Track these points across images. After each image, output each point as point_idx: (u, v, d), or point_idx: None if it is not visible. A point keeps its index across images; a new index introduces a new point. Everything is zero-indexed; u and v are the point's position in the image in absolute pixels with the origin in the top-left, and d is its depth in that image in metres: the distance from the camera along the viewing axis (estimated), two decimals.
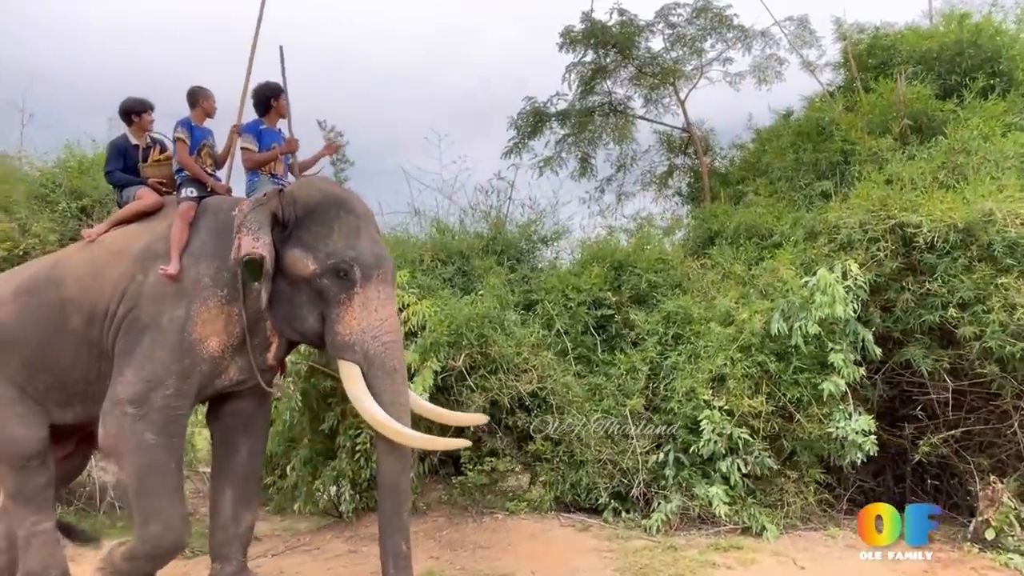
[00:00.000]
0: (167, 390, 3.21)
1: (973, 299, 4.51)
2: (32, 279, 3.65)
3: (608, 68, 8.92)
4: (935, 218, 4.63)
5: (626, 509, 4.87)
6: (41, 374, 3.52)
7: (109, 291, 3.38)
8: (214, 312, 3.32)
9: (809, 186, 6.48)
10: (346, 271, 3.25)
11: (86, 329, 3.41)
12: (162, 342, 3.24)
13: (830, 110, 7.01)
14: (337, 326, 3.27)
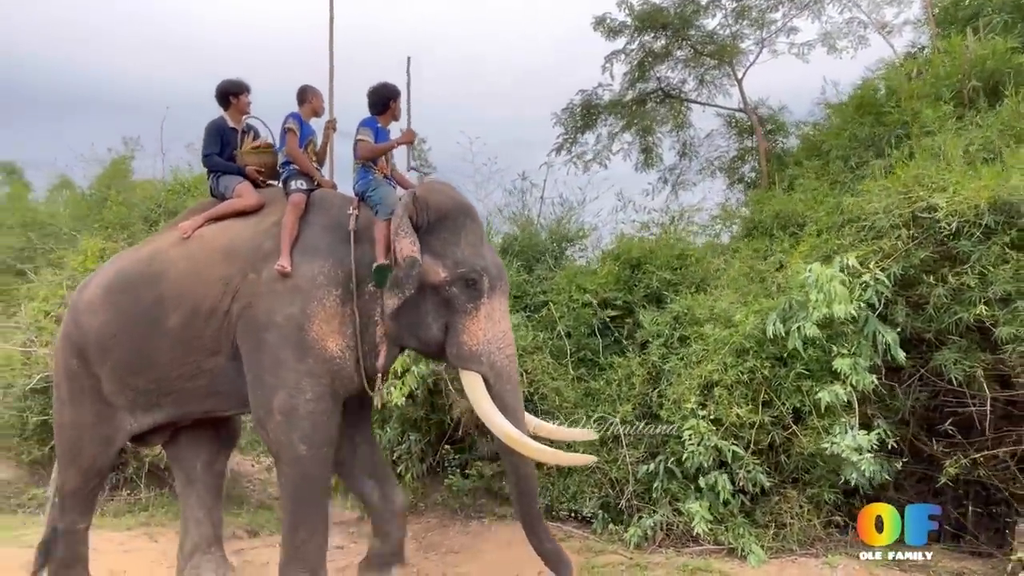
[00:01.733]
0: (306, 395, 3.21)
1: (1015, 293, 3.78)
2: (124, 276, 3.61)
3: (660, 52, 8.43)
4: (961, 199, 3.91)
5: (613, 520, 4.65)
6: (134, 378, 3.51)
7: (216, 290, 3.36)
8: (330, 312, 3.27)
9: (861, 167, 5.71)
10: (475, 280, 3.23)
11: (184, 328, 3.38)
12: (283, 341, 3.23)
13: (895, 77, 6.11)
14: (463, 336, 3.23)
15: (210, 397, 3.52)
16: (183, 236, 3.58)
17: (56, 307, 7.08)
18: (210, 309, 3.37)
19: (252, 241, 3.45)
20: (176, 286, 3.43)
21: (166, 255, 3.56)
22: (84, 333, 3.59)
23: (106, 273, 3.78)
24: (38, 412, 6.22)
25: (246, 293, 3.33)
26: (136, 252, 3.84)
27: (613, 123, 8.85)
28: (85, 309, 3.63)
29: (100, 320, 3.54)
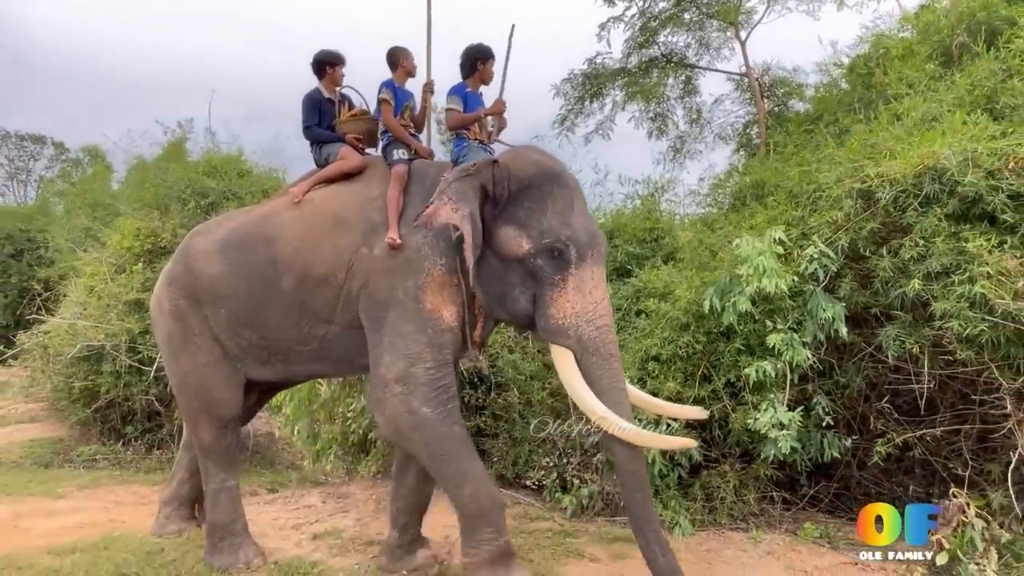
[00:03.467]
0: (426, 363, 3.15)
1: (952, 267, 3.59)
2: (239, 234, 3.67)
3: (663, 16, 8.15)
4: (898, 168, 3.72)
5: (561, 489, 4.78)
6: (246, 331, 3.58)
7: (328, 258, 3.38)
8: (440, 281, 3.25)
9: (843, 134, 5.42)
10: (561, 251, 3.05)
11: (297, 291, 3.42)
12: (405, 315, 3.21)
13: (885, 42, 5.72)
14: (550, 309, 3.06)
15: (317, 362, 3.63)
16: (294, 200, 3.64)
17: (99, 283, 7.73)
18: (321, 276, 3.40)
19: (361, 211, 3.45)
20: (289, 248, 3.48)
21: (279, 218, 3.62)
22: (197, 277, 3.67)
23: (219, 229, 3.83)
24: (82, 378, 6.84)
25: (361, 270, 3.35)
26: (248, 213, 3.93)
27: (616, 92, 8.67)
28: (199, 256, 3.70)
29: (214, 271, 3.63)
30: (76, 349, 6.92)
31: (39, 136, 31.21)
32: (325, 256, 3.40)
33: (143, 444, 6.97)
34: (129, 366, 6.49)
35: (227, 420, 3.75)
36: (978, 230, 3.54)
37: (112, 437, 7.06)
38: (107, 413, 6.95)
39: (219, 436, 3.75)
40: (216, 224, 3.96)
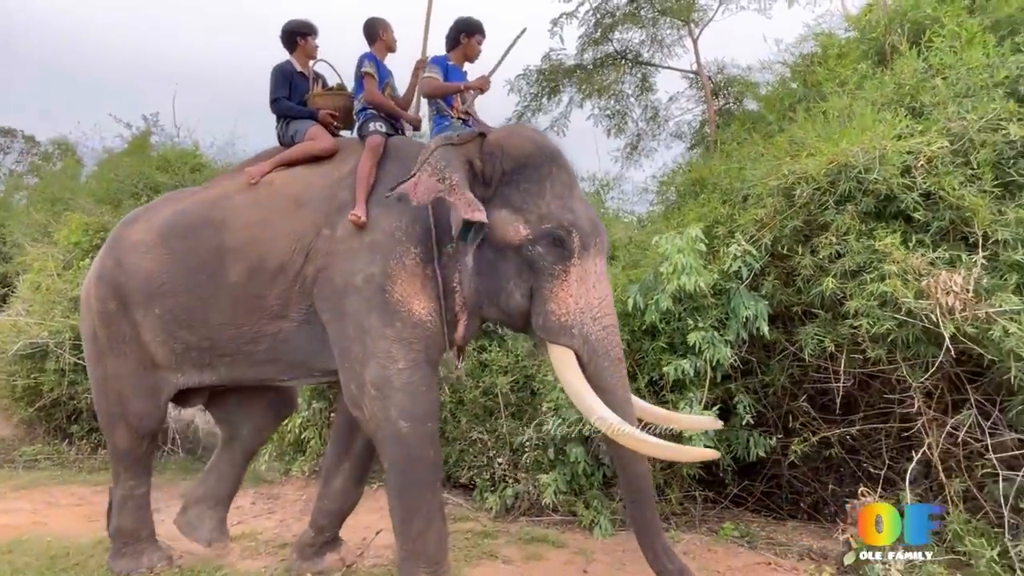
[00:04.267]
0: (398, 363, 2.80)
1: (865, 265, 3.57)
2: (183, 219, 3.26)
3: (618, 13, 8.11)
4: (814, 165, 3.70)
5: (490, 489, 4.73)
6: (183, 332, 3.20)
7: (286, 245, 3.02)
8: (411, 271, 2.86)
9: (778, 133, 5.41)
10: (563, 238, 2.72)
11: (247, 284, 3.05)
12: (367, 306, 2.85)
13: (824, 41, 5.71)
14: (550, 304, 2.73)
15: (268, 364, 3.18)
16: (250, 181, 3.25)
17: (46, 279, 7.56)
18: (277, 266, 3.02)
19: (326, 191, 3.08)
20: (240, 236, 3.09)
21: (231, 201, 3.22)
22: (128, 274, 3.28)
23: (159, 213, 3.40)
24: (25, 376, 6.64)
25: (320, 252, 2.98)
26: (196, 194, 3.47)
27: (571, 89, 8.63)
28: (131, 248, 3.32)
29: (150, 264, 3.24)
30: (18, 346, 6.77)
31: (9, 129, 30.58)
32: (282, 244, 3.03)
33: (88, 444, 6.79)
34: (74, 364, 6.32)
35: (145, 432, 3.47)
36: (892, 228, 3.53)
37: (57, 436, 6.89)
38: (52, 412, 6.78)
39: (135, 445, 3.49)
40: (157, 207, 3.52)
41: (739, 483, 4.40)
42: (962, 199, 3.34)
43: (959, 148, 3.55)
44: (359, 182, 2.98)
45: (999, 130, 3.48)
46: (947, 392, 3.59)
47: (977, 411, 3.37)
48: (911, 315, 3.25)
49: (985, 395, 3.42)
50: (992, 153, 3.44)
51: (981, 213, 3.25)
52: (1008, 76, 3.76)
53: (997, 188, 3.38)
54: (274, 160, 3.34)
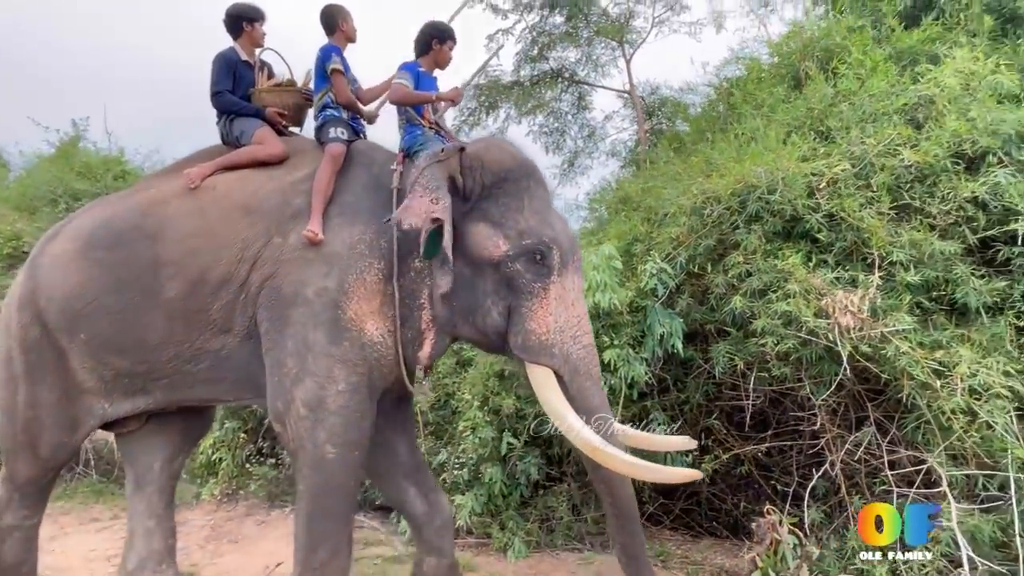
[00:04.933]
0: (338, 385, 2.64)
1: (771, 284, 3.62)
2: (111, 229, 2.92)
3: (555, 32, 8.21)
4: (720, 185, 3.75)
5: None
6: (113, 357, 2.88)
7: (231, 254, 2.77)
8: (371, 288, 2.70)
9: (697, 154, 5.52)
10: (544, 254, 2.64)
11: (187, 299, 2.78)
12: (314, 321, 2.66)
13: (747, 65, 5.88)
14: (530, 323, 2.64)
15: (212, 384, 2.94)
16: (190, 185, 2.94)
17: None
18: (221, 278, 2.78)
19: (279, 196, 2.86)
20: (179, 247, 2.81)
21: (167, 208, 2.90)
22: (48, 294, 2.92)
23: (84, 222, 3.04)
24: None
25: (269, 259, 2.76)
26: (125, 200, 3.08)
27: (509, 106, 8.65)
28: (52, 264, 2.96)
29: (73, 280, 2.88)
30: None
31: None
32: (227, 254, 2.78)
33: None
34: None
35: (54, 465, 3.15)
36: (798, 248, 3.60)
37: None
38: None
39: (38, 476, 3.13)
40: (81, 214, 3.15)
41: (657, 501, 4.38)
42: (861, 220, 3.42)
43: (860, 171, 3.65)
44: (316, 193, 2.78)
45: (897, 155, 3.60)
46: (850, 409, 3.65)
47: (876, 428, 3.43)
48: (813, 334, 3.30)
49: (884, 413, 3.49)
50: (890, 177, 3.55)
51: (878, 235, 3.34)
52: (907, 104, 3.91)
53: (894, 211, 3.49)
54: (216, 163, 3.03)
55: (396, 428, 3.18)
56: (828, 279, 3.37)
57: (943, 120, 3.64)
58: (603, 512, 4.16)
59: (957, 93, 3.78)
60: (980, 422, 2.91)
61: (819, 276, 3.37)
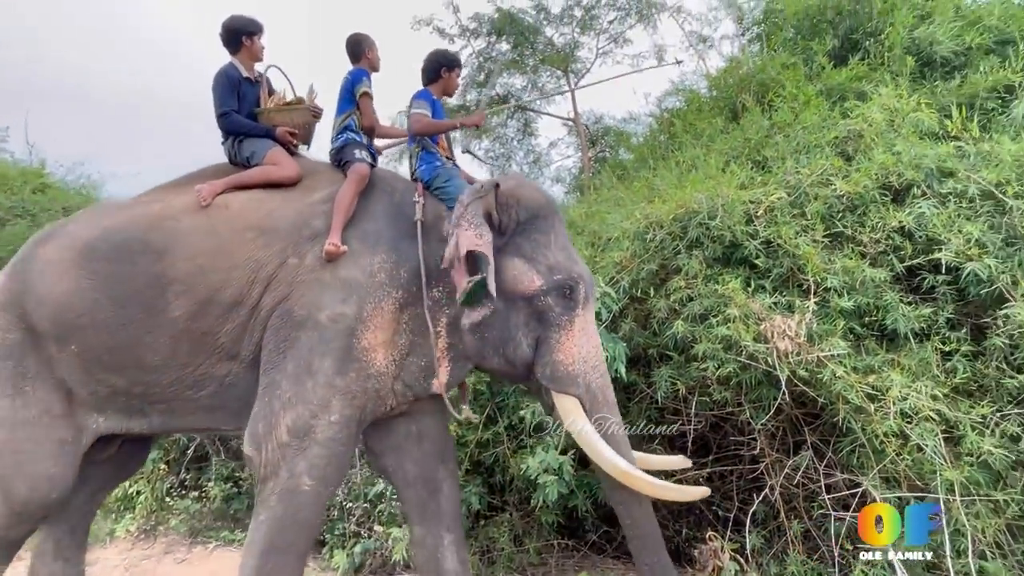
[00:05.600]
0: (331, 416, 2.58)
1: (712, 309, 3.66)
2: (113, 239, 2.76)
3: (503, 59, 8.29)
4: (663, 211, 3.80)
5: (339, 545, 4.36)
6: (110, 375, 2.71)
7: (243, 275, 2.68)
8: (388, 317, 2.70)
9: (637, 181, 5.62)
10: (572, 289, 2.77)
11: (193, 320, 2.66)
12: (323, 346, 2.60)
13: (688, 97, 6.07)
14: (558, 354, 2.75)
15: (212, 412, 2.82)
16: (201, 203, 2.82)
17: None
18: (232, 300, 2.67)
19: (296, 218, 2.80)
20: (188, 266, 2.68)
21: (177, 223, 2.78)
22: (39, 299, 2.71)
23: (80, 230, 2.85)
24: None
25: (283, 281, 2.68)
26: (127, 211, 2.91)
27: None
28: (45, 269, 2.75)
29: (67, 288, 2.70)
30: None
31: None
32: (239, 275, 2.68)
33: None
34: None
35: (33, 508, 2.66)
36: (737, 274, 3.65)
37: None
38: None
39: (7, 524, 2.66)
40: (78, 221, 2.96)
41: (600, 530, 4.31)
42: (797, 248, 3.50)
43: (795, 200, 3.76)
44: (338, 210, 2.76)
45: (829, 185, 3.72)
46: (788, 434, 3.70)
47: (813, 452, 3.48)
48: (752, 358, 3.33)
49: (821, 437, 3.54)
50: (823, 206, 3.66)
51: (813, 262, 3.42)
52: (837, 136, 4.06)
53: (827, 238, 3.59)
54: (228, 181, 2.94)
55: (445, 459, 3.13)
56: (766, 304, 3.43)
57: (871, 153, 3.80)
58: (546, 541, 4.11)
59: (883, 128, 3.96)
60: (911, 445, 2.98)
61: (758, 301, 3.42)
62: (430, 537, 3.05)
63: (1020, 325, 2.98)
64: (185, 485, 4.97)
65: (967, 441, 2.91)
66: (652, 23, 7.95)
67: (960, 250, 3.23)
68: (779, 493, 3.49)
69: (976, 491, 2.88)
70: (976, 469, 2.90)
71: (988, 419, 2.98)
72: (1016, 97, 4.08)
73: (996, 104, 4.18)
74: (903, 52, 4.60)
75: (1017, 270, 3.17)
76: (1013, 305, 3.05)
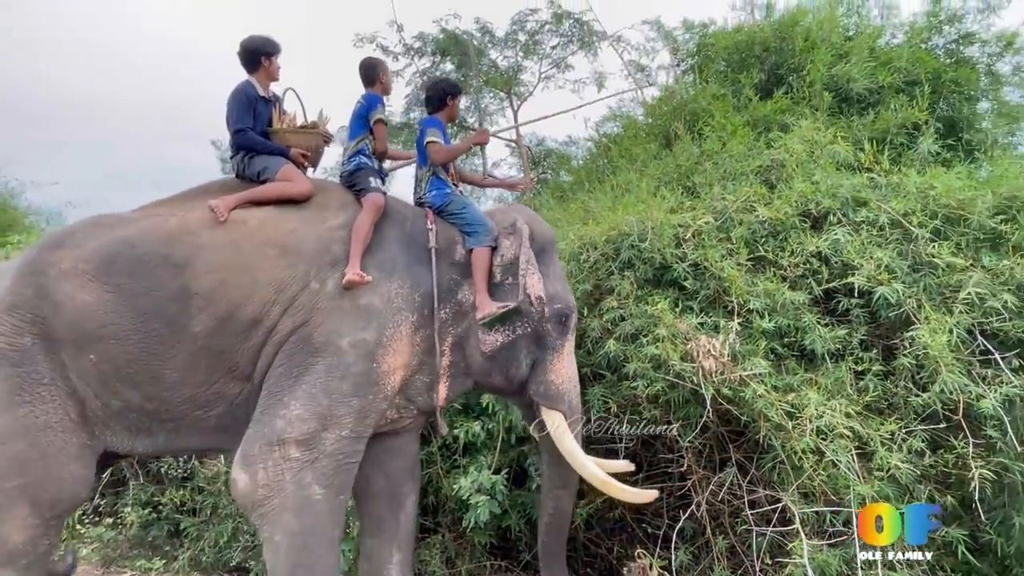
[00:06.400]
0: (342, 431, 2.65)
1: (643, 329, 3.74)
2: (134, 251, 2.74)
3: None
4: (596, 232, 3.89)
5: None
6: (124, 387, 2.67)
7: (264, 294, 2.72)
8: (405, 341, 2.85)
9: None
10: (567, 316, 3.15)
11: (212, 336, 2.68)
12: (343, 370, 2.67)
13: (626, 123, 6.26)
14: (551, 374, 3.12)
15: (217, 433, 2.81)
16: (218, 217, 2.83)
17: None
18: (252, 319, 2.70)
19: (318, 242, 2.87)
20: (210, 279, 2.70)
21: (196, 238, 2.79)
22: (57, 306, 2.64)
23: (92, 240, 2.79)
24: None
25: (303, 306, 2.73)
26: (138, 222, 2.88)
27: (398, 146, 8.61)
28: (60, 277, 2.68)
29: (89, 298, 2.65)
30: None
31: None
32: (262, 294, 2.72)
33: None
34: None
35: (62, 509, 2.66)
36: (666, 295, 3.75)
37: None
38: None
39: (37, 536, 2.56)
40: (85, 232, 2.88)
41: (532, 550, 4.30)
42: (723, 270, 3.64)
43: (721, 224, 3.91)
44: (356, 239, 2.84)
45: (753, 211, 3.89)
46: (715, 451, 3.80)
47: (738, 469, 3.58)
48: (680, 377, 3.42)
49: (745, 454, 3.65)
50: (747, 231, 3.82)
51: (737, 284, 3.55)
52: (761, 165, 4.26)
53: (751, 262, 3.74)
54: (243, 196, 2.97)
55: (414, 477, 3.30)
56: (693, 324, 3.53)
57: (792, 182, 4.00)
58: (479, 562, 4.08)
59: (803, 159, 4.18)
60: (826, 461, 3.10)
61: (685, 322, 3.52)
62: (379, 552, 3.13)
63: (924, 347, 3.16)
64: (99, 511, 4.70)
65: (877, 456, 3.06)
66: (593, 51, 8.21)
67: (871, 275, 3.42)
68: (705, 510, 3.57)
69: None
70: (886, 483, 3.04)
71: (896, 435, 3.13)
72: (922, 134, 4.39)
73: (905, 139, 4.48)
74: (822, 88, 4.88)
75: (922, 294, 3.37)
76: (918, 328, 3.24)
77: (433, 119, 3.36)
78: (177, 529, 4.48)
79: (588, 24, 8.38)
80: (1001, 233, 3.44)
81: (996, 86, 5.35)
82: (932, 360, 3.10)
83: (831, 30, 5.34)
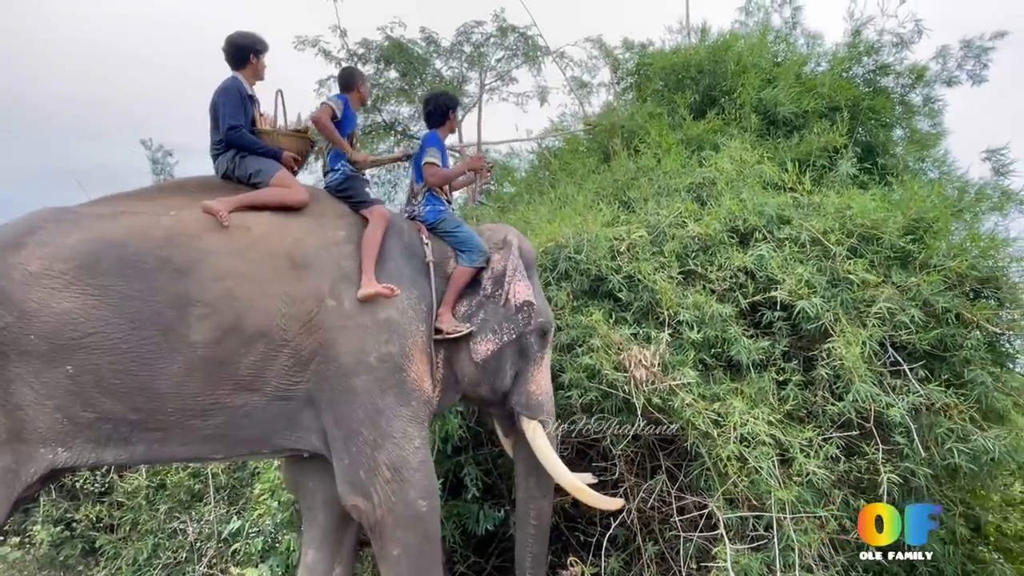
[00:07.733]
0: (414, 443, 2.84)
1: (579, 339, 3.81)
2: (124, 253, 2.56)
3: (391, 87, 8.33)
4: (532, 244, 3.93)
5: None
6: (106, 399, 2.48)
7: (272, 306, 2.68)
8: (423, 350, 2.97)
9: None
10: (547, 330, 3.29)
11: (213, 346, 2.57)
12: (381, 385, 2.80)
13: (568, 137, 6.38)
14: (531, 385, 3.25)
15: (212, 442, 2.71)
16: (221, 222, 2.73)
17: None
18: (259, 330, 2.65)
19: (327, 256, 2.86)
20: (214, 287, 2.61)
21: (199, 241, 2.67)
22: (22, 314, 2.41)
23: (63, 237, 2.56)
24: None
25: (323, 325, 2.74)
26: (126, 220, 2.68)
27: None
28: (28, 281, 2.45)
29: (70, 305, 2.45)
30: None
31: None
32: (269, 305, 2.68)
33: None
34: None
35: None
36: (602, 306, 3.83)
37: None
38: None
39: None
40: (55, 230, 2.61)
41: (468, 560, 4.28)
42: (655, 283, 3.75)
43: (655, 238, 4.03)
44: (368, 253, 2.88)
45: (684, 226, 4.02)
46: (647, 459, 3.89)
47: (667, 476, 3.67)
48: (612, 386, 3.50)
49: (674, 461, 3.76)
50: (679, 245, 3.95)
51: (668, 296, 3.67)
52: (693, 182, 4.42)
53: (681, 275, 3.87)
54: (241, 199, 2.89)
55: None
56: (626, 335, 3.63)
57: (721, 199, 4.16)
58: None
59: (732, 177, 4.36)
60: (749, 467, 3.23)
61: (619, 332, 3.61)
62: (321, 565, 3.22)
63: (840, 358, 3.34)
64: (3, 531, 4.40)
65: (797, 463, 3.20)
66: (537, 65, 8.32)
67: (793, 289, 3.59)
68: (636, 516, 3.64)
69: (803, 508, 3.16)
70: (804, 488, 3.19)
71: (814, 442, 3.29)
72: (842, 157, 4.65)
73: (826, 162, 4.73)
74: (751, 110, 5.11)
75: (839, 308, 3.57)
76: (835, 340, 3.42)
77: (434, 136, 3.45)
78: (92, 547, 4.25)
79: (532, 39, 8.51)
80: (910, 252, 3.68)
81: (909, 115, 5.72)
82: (847, 371, 3.28)
83: (761, 56, 5.60)
